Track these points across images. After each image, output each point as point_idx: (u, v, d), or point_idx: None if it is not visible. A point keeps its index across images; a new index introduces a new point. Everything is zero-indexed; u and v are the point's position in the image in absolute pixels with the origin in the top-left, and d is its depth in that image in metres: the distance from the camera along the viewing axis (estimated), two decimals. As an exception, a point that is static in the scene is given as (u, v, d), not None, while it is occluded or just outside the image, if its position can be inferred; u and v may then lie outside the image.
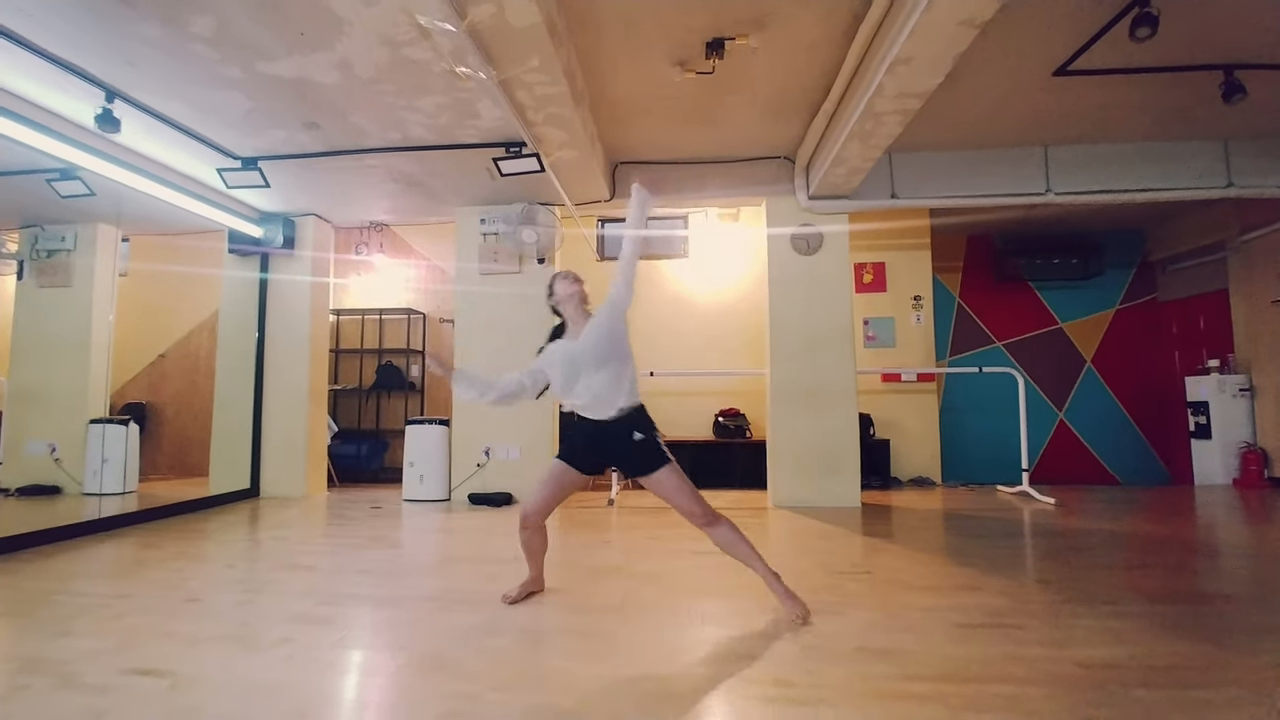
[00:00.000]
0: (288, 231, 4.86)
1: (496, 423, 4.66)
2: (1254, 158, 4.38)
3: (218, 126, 3.48)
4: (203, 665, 1.72)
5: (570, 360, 2.11)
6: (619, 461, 2.19)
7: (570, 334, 2.21)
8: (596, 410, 2.11)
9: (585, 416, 2.15)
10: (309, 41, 2.65)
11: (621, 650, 1.85)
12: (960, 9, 2.36)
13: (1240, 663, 1.70)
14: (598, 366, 2.09)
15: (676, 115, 3.87)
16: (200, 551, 3.16)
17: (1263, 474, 5.25)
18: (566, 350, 2.14)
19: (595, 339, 2.12)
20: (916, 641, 1.89)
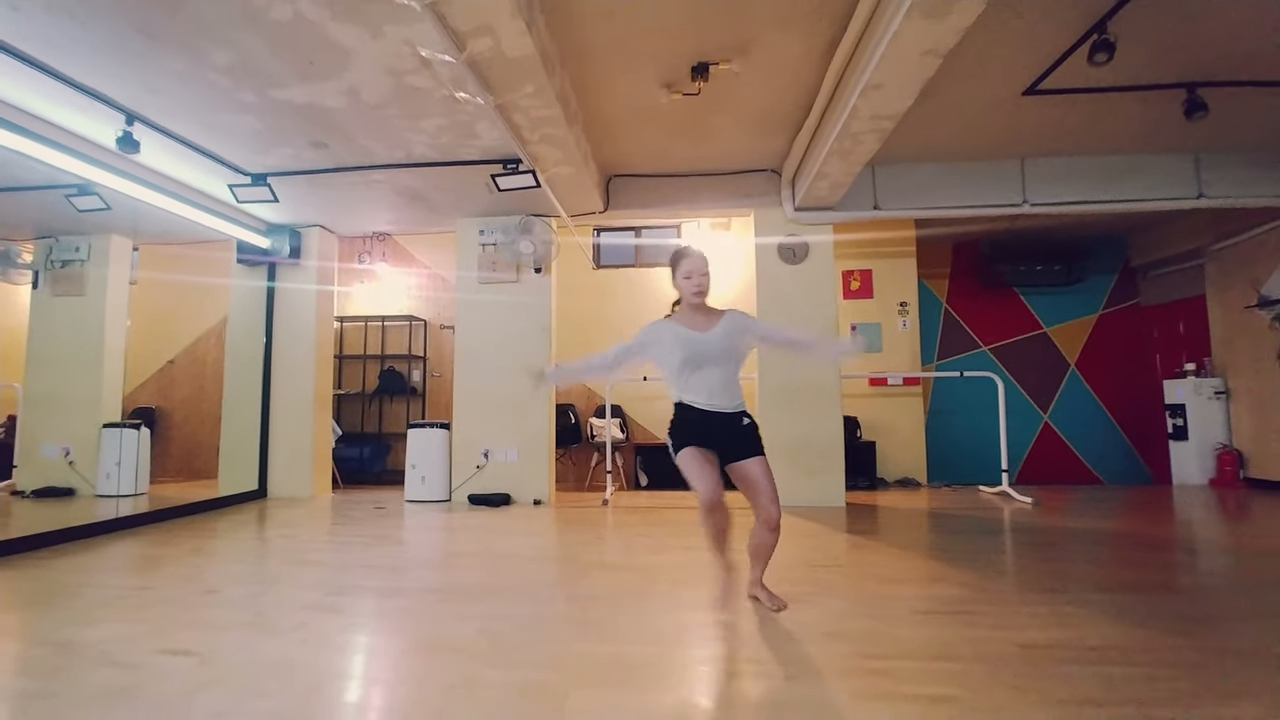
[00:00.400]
0: (294, 242, 5.05)
1: (495, 426, 4.84)
2: (1223, 170, 4.56)
3: (230, 145, 3.67)
4: (225, 646, 1.90)
5: (695, 348, 2.14)
6: (732, 443, 2.17)
7: (688, 322, 2.20)
8: (714, 401, 2.14)
9: (697, 407, 2.15)
10: (318, 71, 2.84)
11: (610, 633, 2.02)
12: (924, 40, 2.55)
13: (1161, 644, 1.87)
14: (721, 362, 2.15)
15: (666, 132, 4.06)
16: (214, 548, 3.34)
17: (1238, 474, 5.41)
18: (689, 337, 2.15)
19: (724, 336, 2.15)
20: (879, 626, 2.07)
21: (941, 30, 2.47)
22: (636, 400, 6.00)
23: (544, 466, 4.81)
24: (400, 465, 5.59)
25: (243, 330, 5.25)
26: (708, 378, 2.15)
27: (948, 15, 2.37)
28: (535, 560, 3.10)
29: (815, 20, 2.90)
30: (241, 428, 5.14)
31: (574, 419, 5.91)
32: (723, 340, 2.16)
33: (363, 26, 2.52)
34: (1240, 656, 1.76)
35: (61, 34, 2.61)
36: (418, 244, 6.37)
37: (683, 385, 2.18)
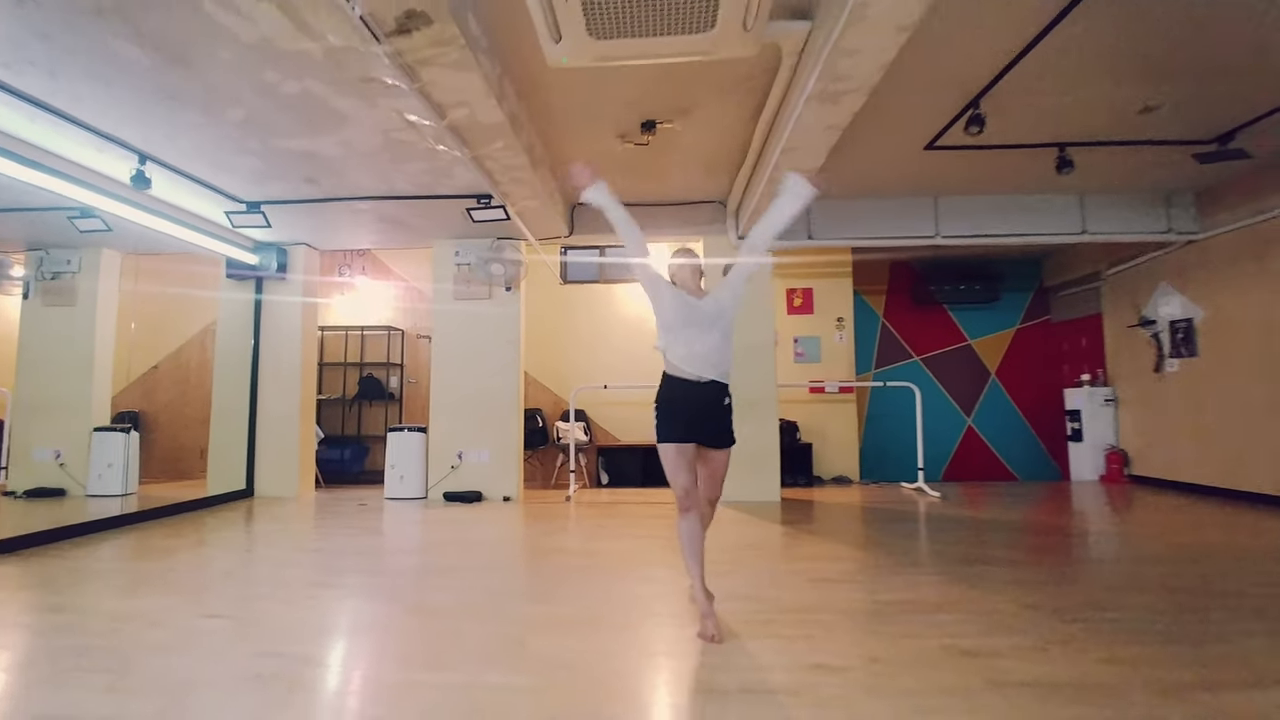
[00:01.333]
0: (281, 259, 5.44)
1: (468, 429, 5.32)
2: (1104, 209, 5.31)
3: (231, 180, 4.09)
4: (254, 613, 2.38)
5: (688, 310, 2.30)
6: (710, 424, 2.31)
7: (686, 289, 2.39)
8: (697, 366, 2.27)
9: (685, 376, 2.28)
10: (318, 129, 3.30)
11: (563, 599, 2.56)
12: (823, 119, 3.14)
13: (981, 598, 2.49)
14: (710, 327, 2.29)
15: (623, 171, 4.60)
16: (219, 540, 3.76)
17: (1123, 471, 6.21)
18: (684, 299, 2.32)
19: (718, 305, 2.34)
20: (775, 592, 2.65)
21: (837, 111, 3.07)
22: (599, 405, 6.54)
23: (513, 466, 5.32)
24: (378, 466, 6.02)
25: (231, 339, 5.62)
26: (699, 343, 2.27)
27: (838, 103, 2.97)
28: (503, 546, 3.61)
29: (743, 92, 3.48)
30: (230, 430, 5.51)
31: (541, 422, 6.42)
32: (713, 304, 2.33)
33: (360, 99, 3.00)
34: (1035, 609, 2.37)
35: (93, 95, 3.02)
36: (395, 258, 6.79)
37: (675, 343, 2.30)
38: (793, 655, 1.93)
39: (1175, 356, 5.65)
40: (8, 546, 3.36)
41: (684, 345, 2.29)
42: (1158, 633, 2.09)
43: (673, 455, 2.26)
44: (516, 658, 1.95)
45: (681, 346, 2.29)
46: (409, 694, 1.68)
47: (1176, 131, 4.13)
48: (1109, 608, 2.36)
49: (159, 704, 1.62)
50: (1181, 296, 5.58)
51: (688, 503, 2.26)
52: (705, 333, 2.30)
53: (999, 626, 2.16)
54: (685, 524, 2.28)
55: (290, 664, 1.87)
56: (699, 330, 2.29)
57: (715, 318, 2.33)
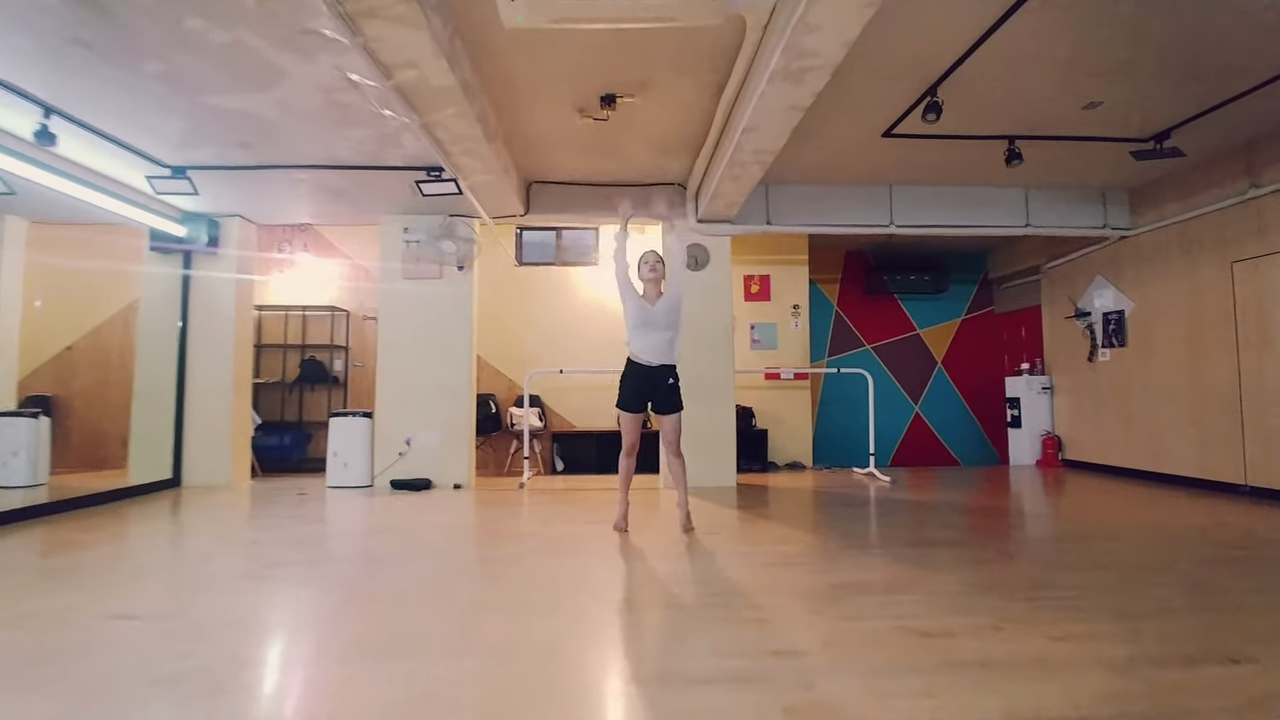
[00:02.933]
0: (212, 232, 5.07)
1: (417, 414, 5.11)
2: (1047, 203, 5.50)
3: (154, 142, 3.75)
4: (172, 610, 2.18)
5: (645, 314, 3.28)
6: (658, 397, 3.29)
7: (647, 295, 3.35)
8: (652, 357, 3.27)
9: (641, 362, 3.27)
10: (252, 85, 3.04)
11: (511, 581, 2.46)
12: (786, 99, 3.09)
13: (931, 579, 2.52)
14: (665, 329, 3.29)
15: (581, 148, 4.47)
16: (136, 532, 3.48)
17: (1057, 456, 6.52)
18: (643, 306, 3.29)
19: (666, 310, 3.31)
20: (730, 574, 2.62)
21: (799, 92, 3.03)
22: (554, 391, 6.41)
23: (464, 452, 5.15)
24: (321, 453, 5.73)
25: (156, 318, 5.21)
26: (652, 339, 3.28)
27: (801, 82, 2.93)
28: (452, 532, 3.47)
29: (705, 69, 3.39)
30: (154, 415, 5.12)
31: (494, 408, 6.25)
32: (665, 313, 3.31)
33: (298, 54, 2.78)
34: (984, 590, 2.41)
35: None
36: (340, 235, 6.45)
37: (636, 338, 3.29)
38: (748, 640, 1.89)
39: (1107, 346, 5.94)
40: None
41: (641, 340, 3.30)
42: (1102, 609, 2.15)
43: (627, 419, 3.33)
44: (464, 643, 1.84)
45: (639, 341, 3.31)
46: (347, 689, 1.56)
47: (1117, 129, 4.28)
48: (1054, 586, 2.43)
49: (52, 711, 1.45)
50: (1114, 289, 5.86)
51: (630, 451, 3.37)
52: (657, 331, 3.30)
53: (950, 607, 2.19)
54: (625, 462, 3.38)
55: (212, 664, 1.72)
56: (653, 329, 3.30)
57: (664, 323, 3.32)
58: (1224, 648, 1.80)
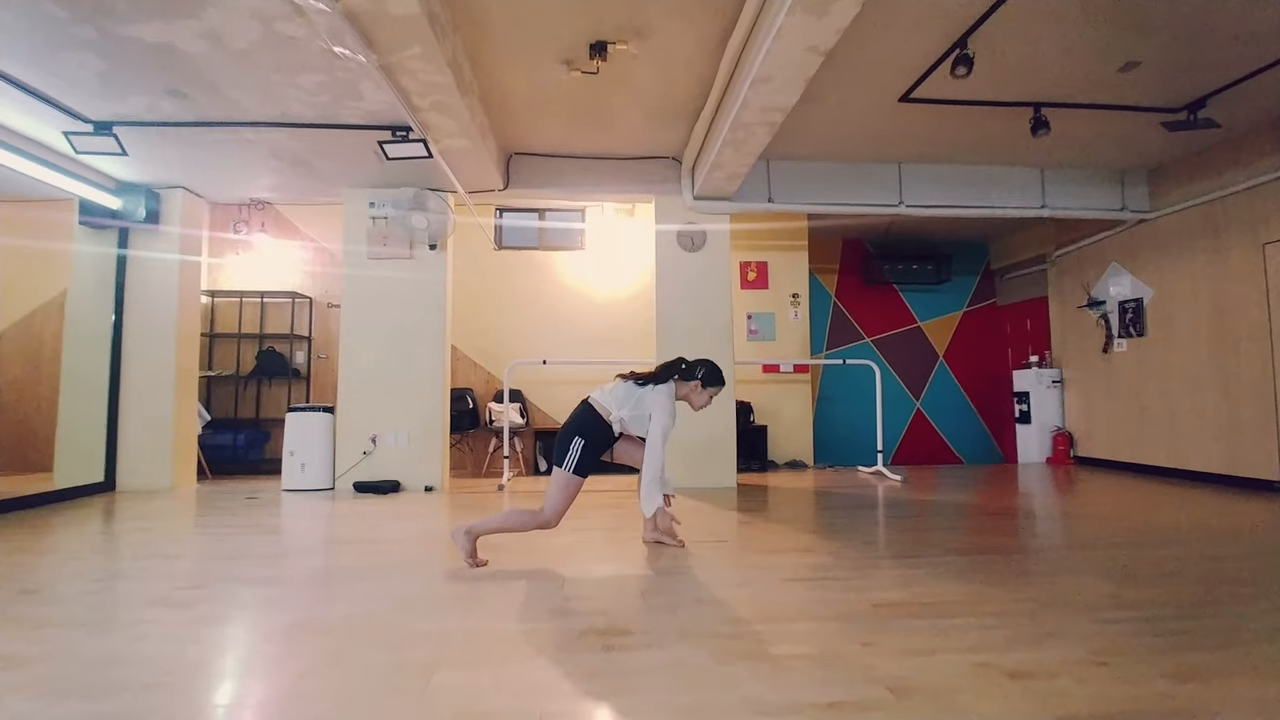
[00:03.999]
0: (151, 205, 4.52)
1: (384, 410, 4.62)
2: (1063, 184, 5.17)
3: (68, 89, 3.21)
4: (42, 649, 1.69)
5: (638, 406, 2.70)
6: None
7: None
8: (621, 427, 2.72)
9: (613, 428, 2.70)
10: (171, 7, 2.54)
11: (481, 610, 2.00)
12: (806, 36, 2.68)
13: (990, 595, 2.11)
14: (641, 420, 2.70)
15: (567, 113, 4.02)
16: (43, 546, 2.95)
17: (1069, 453, 6.20)
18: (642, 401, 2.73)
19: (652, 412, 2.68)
20: (748, 593, 2.18)
21: (822, 28, 2.61)
22: (537, 385, 5.94)
23: (437, 452, 4.65)
24: (279, 453, 5.19)
25: (86, 302, 4.64)
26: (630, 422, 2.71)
27: (826, 14, 2.51)
28: (418, 544, 2.99)
29: (707, 11, 2.97)
30: (83, 412, 4.56)
31: (472, 403, 5.75)
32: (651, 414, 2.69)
33: (223, -38, 2.28)
34: (1053, 607, 2.01)
35: None
36: (303, 215, 5.91)
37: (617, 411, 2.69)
38: (790, 686, 1.46)
39: (1124, 337, 5.63)
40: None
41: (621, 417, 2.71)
42: (1209, 632, 1.76)
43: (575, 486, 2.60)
44: (415, 701, 1.38)
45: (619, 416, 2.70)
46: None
47: (1150, 96, 3.95)
48: (1134, 603, 2.03)
49: None
50: (1131, 276, 5.55)
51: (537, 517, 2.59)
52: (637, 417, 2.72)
53: (1029, 634, 1.78)
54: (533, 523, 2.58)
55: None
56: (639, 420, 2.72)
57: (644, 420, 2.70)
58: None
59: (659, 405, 2.65)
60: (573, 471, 2.54)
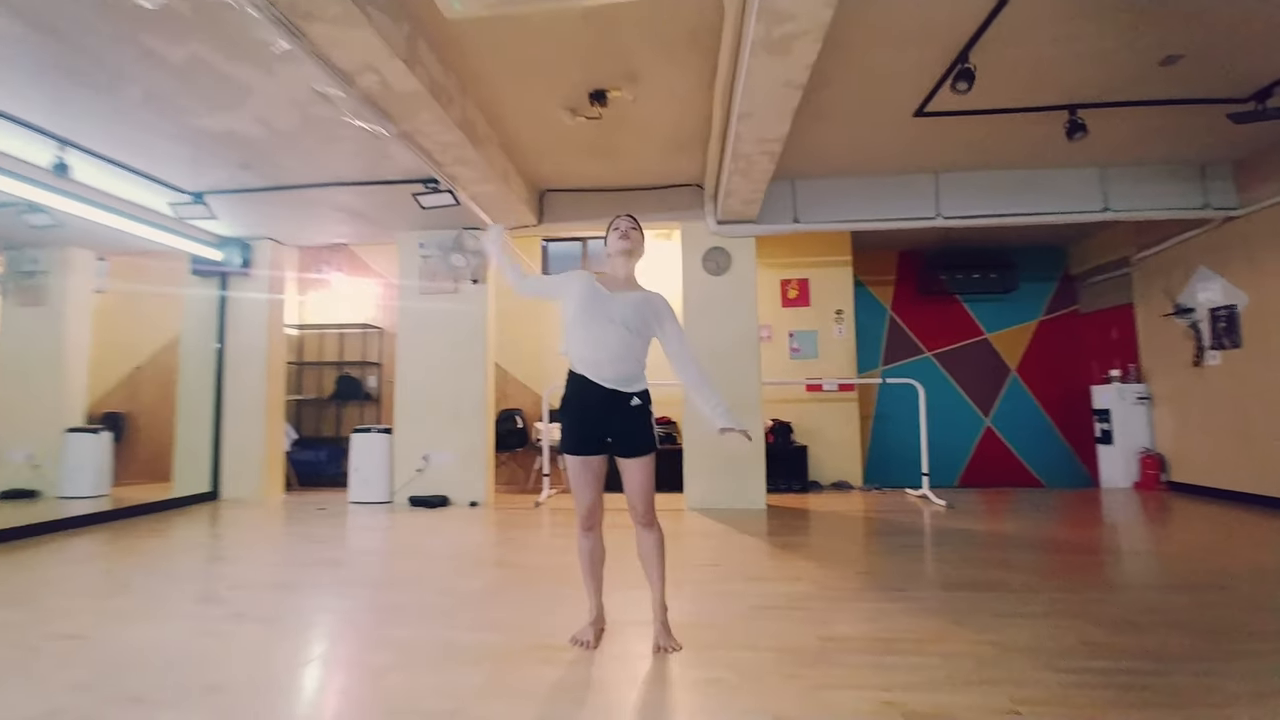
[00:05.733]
0: (245, 254, 5.26)
1: (435, 431, 5.05)
2: (1129, 182, 4.74)
3: (167, 168, 3.90)
4: (107, 632, 2.11)
5: (598, 303, 2.00)
6: (614, 428, 2.00)
7: (605, 281, 2.09)
8: (602, 373, 1.97)
9: (590, 378, 1.99)
10: (223, 102, 3.05)
11: (461, 621, 2.22)
12: (777, 74, 2.74)
13: (959, 636, 2.06)
14: (617, 328, 1.97)
15: (585, 152, 4.26)
16: (135, 547, 3.55)
17: (1159, 478, 5.59)
18: (596, 291, 2.03)
19: (634, 307, 2.01)
20: (709, 619, 2.27)
21: (789, 64, 2.66)
22: (581, 405, 6.20)
23: (481, 470, 5.02)
24: (352, 468, 5.79)
25: (197, 338, 5.46)
26: (599, 341, 1.96)
27: (789, 51, 2.57)
28: (437, 558, 3.29)
29: (695, 52, 3.10)
30: (195, 432, 5.35)
31: (520, 423, 6.11)
32: (628, 309, 2.00)
33: (256, 66, 2.73)
34: (1008, 650, 1.94)
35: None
36: (373, 253, 6.58)
37: (574, 340, 2.01)
38: (679, 707, 1.55)
39: (1216, 348, 5.04)
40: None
41: (585, 342, 1.99)
42: (1170, 686, 1.64)
43: (573, 468, 2.07)
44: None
45: (582, 344, 2.00)
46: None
47: (1206, 88, 3.59)
48: (1116, 654, 1.91)
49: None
50: (1222, 280, 4.97)
51: (588, 523, 2.11)
52: (614, 330, 1.98)
53: (965, 678, 1.75)
54: (583, 544, 2.13)
55: (91, 699, 1.58)
56: (606, 325, 1.98)
57: (627, 322, 1.99)
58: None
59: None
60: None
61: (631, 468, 2.02)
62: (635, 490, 2.04)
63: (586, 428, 2.01)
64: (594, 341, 1.98)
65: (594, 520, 2.10)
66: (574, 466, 2.05)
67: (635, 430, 2.00)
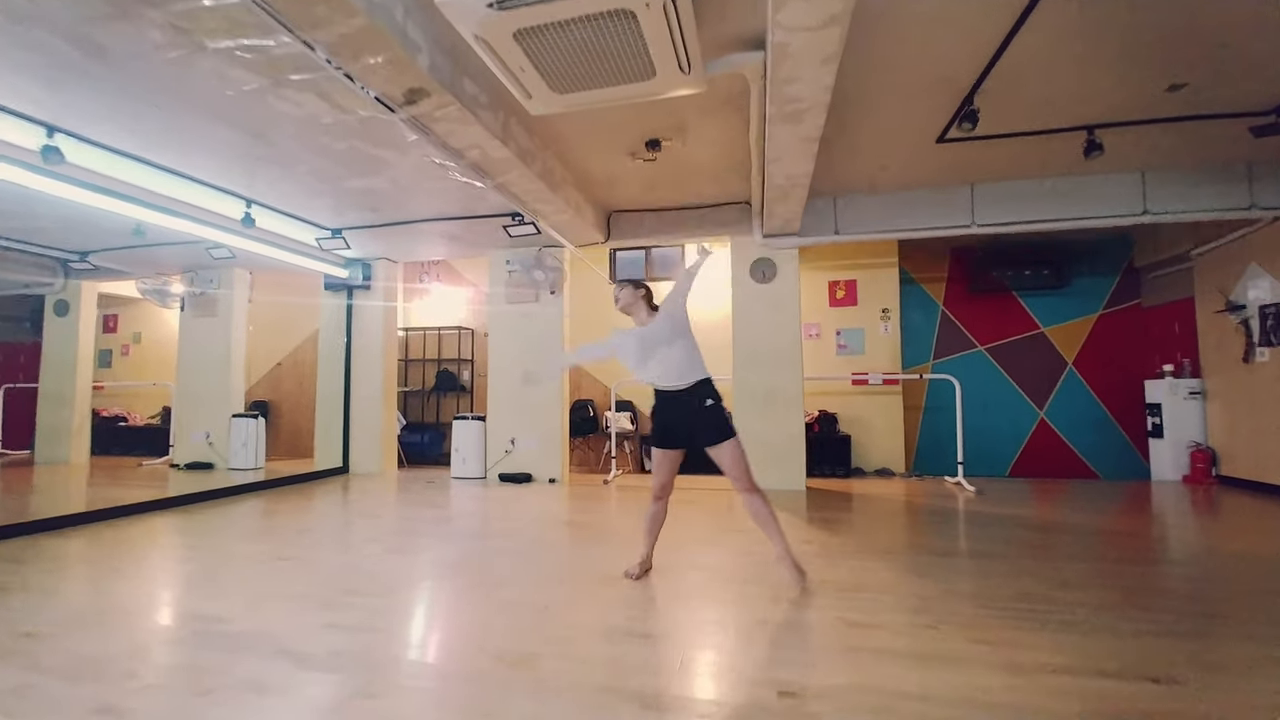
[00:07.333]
0: (366, 272, 6.37)
1: (519, 419, 5.97)
2: (1171, 185, 4.89)
3: (317, 214, 4.97)
4: (312, 558, 3.08)
5: (642, 340, 2.67)
6: (695, 430, 2.62)
7: (638, 324, 2.78)
8: (671, 379, 2.63)
9: (663, 388, 2.66)
10: (367, 172, 4.01)
11: (522, 572, 3.04)
12: (794, 134, 3.33)
13: (917, 584, 2.65)
14: (669, 342, 2.63)
15: (645, 184, 4.97)
16: (308, 506, 4.65)
17: (1209, 471, 5.68)
18: (638, 333, 2.71)
19: (662, 321, 2.67)
20: (731, 566, 2.96)
21: (803, 127, 3.25)
22: (646, 395, 6.96)
23: (557, 452, 5.90)
24: (452, 448, 6.85)
25: (330, 340, 6.66)
26: (662, 357, 2.62)
27: (802, 121, 3.16)
28: (524, 520, 4.16)
29: (728, 111, 3.73)
30: (330, 417, 6.56)
31: (592, 412, 6.97)
32: (660, 323, 2.68)
33: (394, 149, 3.66)
34: (954, 595, 2.51)
35: (205, 164, 3.90)
36: (466, 266, 7.61)
37: (645, 371, 2.69)
38: (700, 614, 2.27)
39: (1265, 345, 5.11)
40: (170, 504, 4.49)
41: (659, 366, 2.67)
42: (1060, 622, 2.19)
43: (656, 459, 2.77)
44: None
45: (658, 369, 2.67)
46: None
47: (1224, 104, 3.81)
48: (1038, 601, 2.44)
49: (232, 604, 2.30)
50: (1272, 278, 5.03)
51: (659, 493, 2.78)
52: (662, 348, 2.65)
53: (906, 607, 2.35)
54: (652, 508, 2.83)
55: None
56: (664, 347, 2.66)
57: (668, 334, 2.67)
58: None
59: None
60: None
61: (718, 453, 2.64)
62: (727, 469, 2.64)
63: (669, 430, 2.71)
64: (653, 363, 2.68)
65: (664, 493, 2.78)
66: (657, 455, 2.75)
67: (711, 425, 2.63)
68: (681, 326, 2.69)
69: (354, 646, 2.00)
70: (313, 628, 2.16)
